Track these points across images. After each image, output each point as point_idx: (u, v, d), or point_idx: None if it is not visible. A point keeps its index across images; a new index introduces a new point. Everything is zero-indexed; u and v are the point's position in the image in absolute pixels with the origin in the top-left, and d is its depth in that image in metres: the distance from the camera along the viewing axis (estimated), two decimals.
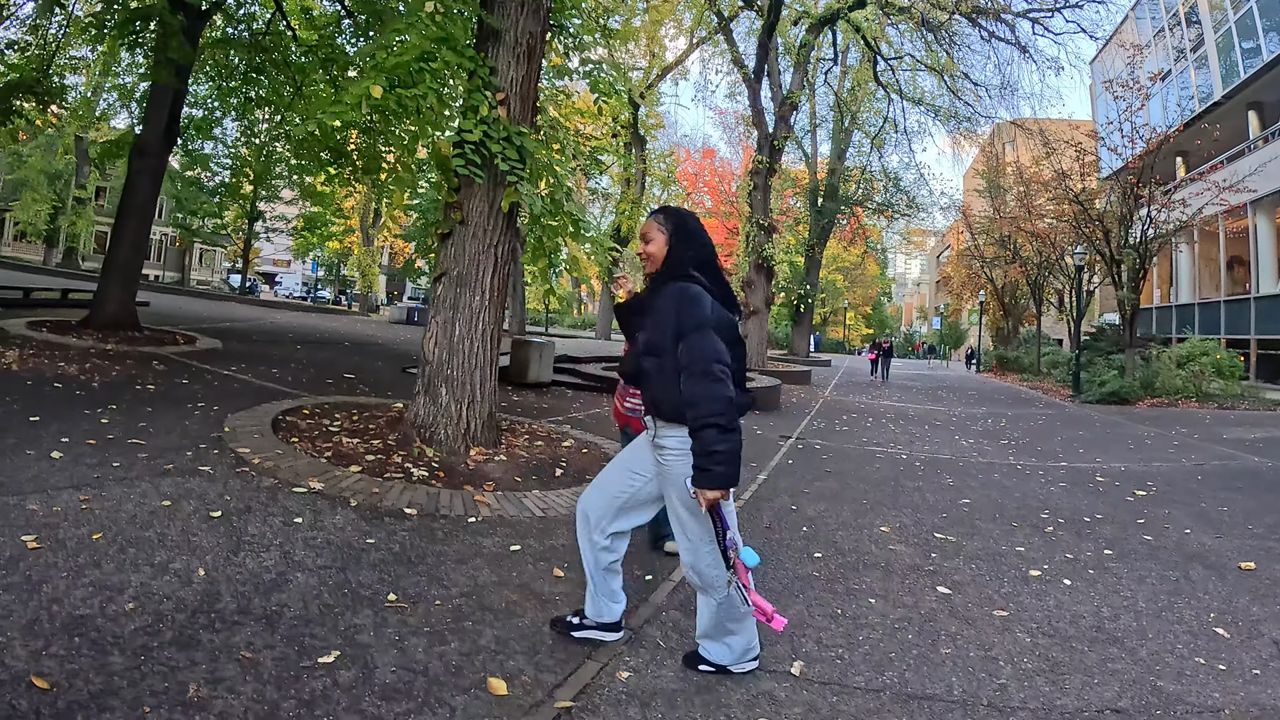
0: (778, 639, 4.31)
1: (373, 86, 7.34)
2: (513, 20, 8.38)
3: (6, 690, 2.99)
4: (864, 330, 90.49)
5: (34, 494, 5.25)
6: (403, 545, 5.21)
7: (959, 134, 32.87)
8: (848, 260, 69.99)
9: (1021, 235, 35.51)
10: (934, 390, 28.91)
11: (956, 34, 26.78)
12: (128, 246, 15.75)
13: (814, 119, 39.96)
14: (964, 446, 13.23)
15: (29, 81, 15.40)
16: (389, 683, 3.43)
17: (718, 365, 3.39)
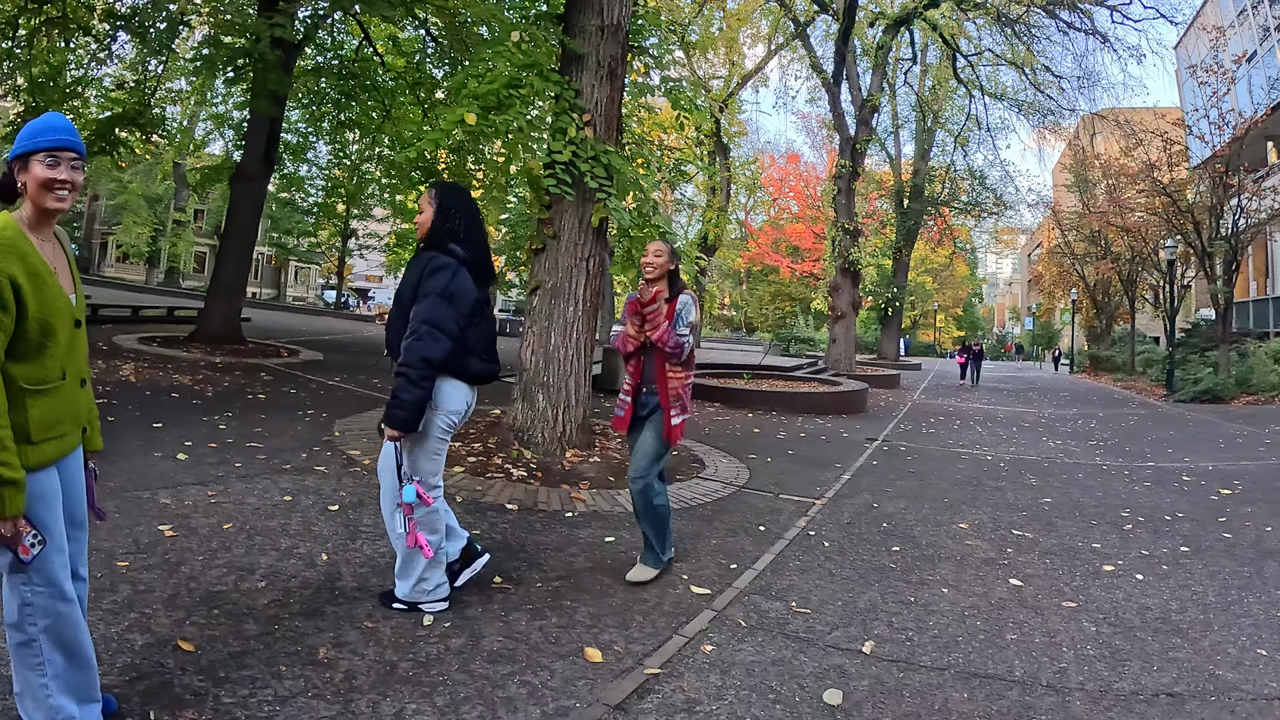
0: (850, 621, 4.59)
1: (466, 114, 7.81)
2: (594, 44, 8.78)
3: (154, 651, 3.48)
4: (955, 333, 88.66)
5: (164, 489, 5.86)
6: (504, 535, 5.67)
7: (1043, 128, 32.24)
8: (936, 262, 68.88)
9: (1111, 230, 34.52)
10: (1024, 392, 28.46)
11: (1034, 25, 26.19)
12: (232, 265, 16.60)
13: (896, 119, 39.47)
14: (1051, 447, 13.20)
15: (131, 114, 16.28)
16: (495, 649, 3.85)
17: (430, 328, 3.88)
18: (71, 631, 2.63)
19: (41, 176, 2.50)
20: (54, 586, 2.57)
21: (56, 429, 2.59)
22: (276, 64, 13.85)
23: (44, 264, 2.52)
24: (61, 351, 2.58)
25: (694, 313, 4.99)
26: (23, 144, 2.53)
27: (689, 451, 9.69)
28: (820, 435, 12.63)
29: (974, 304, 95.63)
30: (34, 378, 2.49)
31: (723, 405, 15.59)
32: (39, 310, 2.45)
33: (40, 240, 2.56)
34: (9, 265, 2.37)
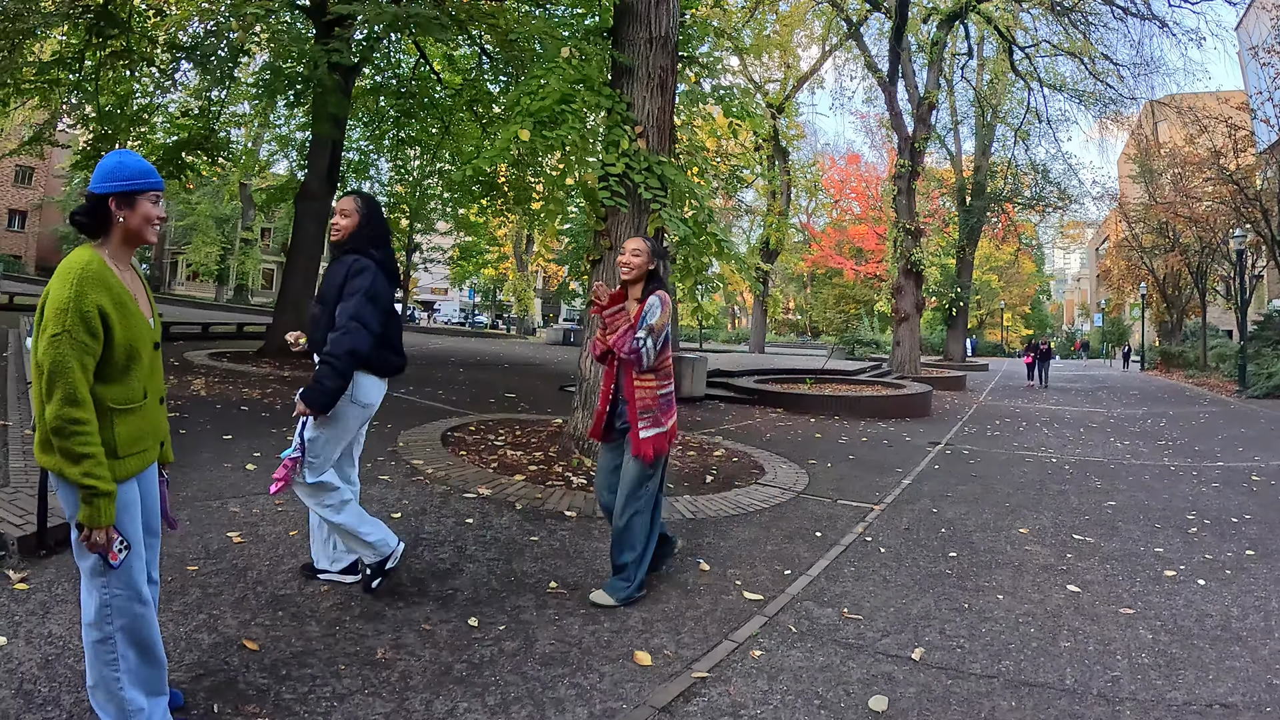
0: (902, 628, 4.61)
1: (520, 130, 7.97)
2: (643, 56, 8.89)
3: (220, 650, 3.70)
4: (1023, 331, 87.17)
5: (234, 499, 6.11)
6: (562, 542, 5.78)
7: (1105, 118, 31.63)
8: (1001, 259, 67.90)
9: (1179, 221, 33.72)
10: (1093, 392, 27.95)
11: (1090, 13, 25.75)
12: (299, 281, 17.01)
13: (955, 116, 38.85)
14: (1118, 449, 13.00)
15: (197, 139, 16.73)
16: (548, 652, 3.97)
17: (358, 324, 4.12)
18: (145, 630, 2.83)
19: (150, 214, 2.80)
20: (132, 589, 2.78)
21: (139, 444, 2.83)
22: (335, 87, 14.15)
23: (127, 293, 2.75)
24: (144, 373, 2.83)
25: (659, 315, 4.67)
26: (131, 183, 2.78)
27: (748, 458, 9.75)
28: (882, 440, 12.58)
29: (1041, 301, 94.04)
30: (120, 398, 2.73)
31: (785, 411, 15.58)
32: (124, 336, 2.69)
33: (121, 271, 2.80)
34: (98, 296, 2.61)
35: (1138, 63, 27.01)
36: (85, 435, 2.55)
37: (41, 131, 17.31)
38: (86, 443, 2.55)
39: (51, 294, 2.59)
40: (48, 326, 2.56)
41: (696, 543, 6.04)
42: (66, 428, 2.53)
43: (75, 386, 2.54)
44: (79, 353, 2.55)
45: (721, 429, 12.37)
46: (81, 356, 2.56)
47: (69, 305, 2.55)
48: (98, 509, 2.57)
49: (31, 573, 4.37)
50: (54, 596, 4.10)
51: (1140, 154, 39.10)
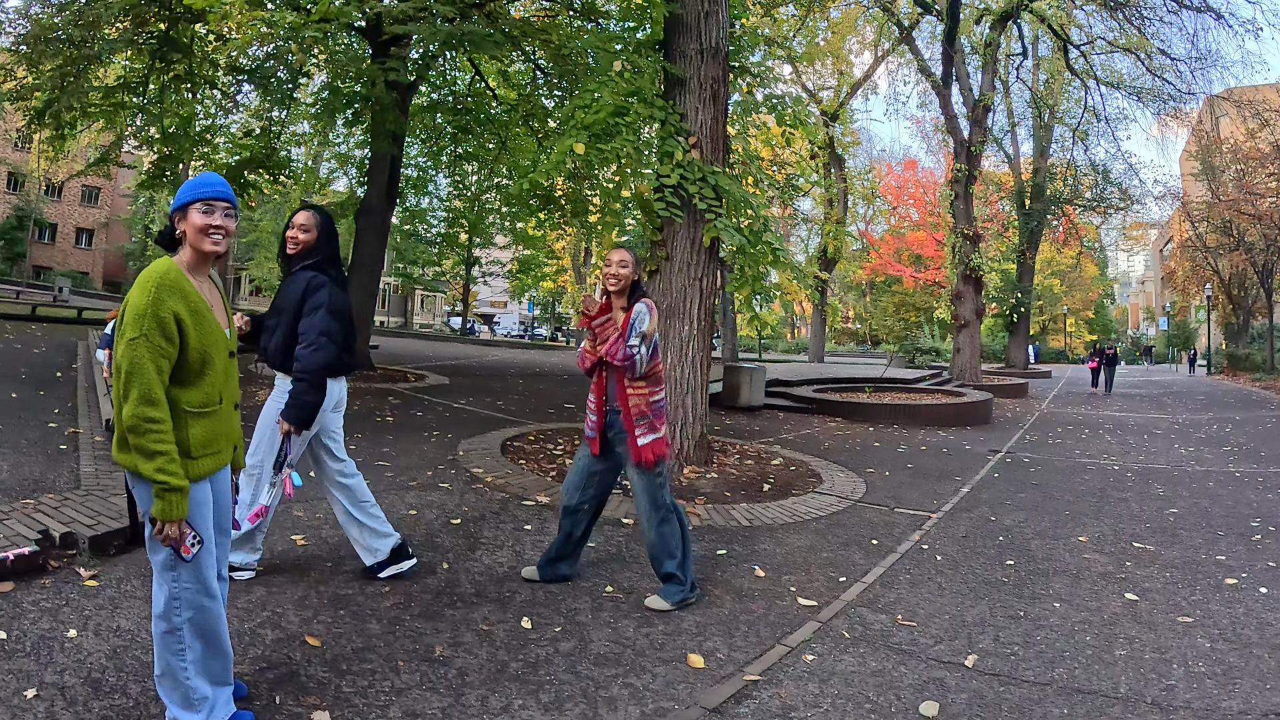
0: (955, 635, 4.61)
1: (575, 144, 8.09)
2: (694, 67, 8.99)
3: (283, 645, 3.86)
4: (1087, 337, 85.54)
5: (298, 503, 6.30)
6: (619, 548, 5.89)
7: (1164, 115, 30.73)
8: (1063, 263, 66.51)
9: (1243, 219, 32.94)
10: (1158, 397, 27.32)
11: (1144, 7, 25.30)
12: (361, 294, 17.28)
13: (1012, 117, 38.16)
14: (1181, 455, 12.79)
15: (259, 158, 17.12)
16: (602, 653, 4.06)
17: (326, 339, 4.36)
18: (212, 623, 2.97)
19: (198, 223, 2.91)
20: (201, 583, 2.92)
21: (213, 446, 2.98)
22: (392, 105, 14.41)
23: (203, 302, 2.92)
24: (219, 379, 2.99)
25: (648, 321, 4.75)
26: (182, 196, 2.94)
27: (806, 466, 9.76)
28: (941, 448, 12.50)
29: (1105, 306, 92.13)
30: (195, 401, 2.89)
31: (844, 420, 15.53)
32: (198, 342, 2.85)
33: (199, 281, 2.97)
34: (174, 303, 2.78)
35: (1195, 57, 26.36)
36: (159, 434, 2.70)
37: (108, 153, 17.80)
38: (160, 440, 2.70)
39: (131, 301, 2.75)
40: (126, 330, 2.72)
41: (752, 549, 6.09)
42: (141, 425, 2.68)
43: (150, 387, 2.69)
44: (155, 355, 2.71)
45: (780, 438, 12.38)
46: (157, 359, 2.72)
47: (146, 310, 2.71)
48: (170, 504, 2.71)
49: (101, 570, 4.58)
50: (122, 593, 4.29)
51: (1201, 151, 38.26)
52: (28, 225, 50.01)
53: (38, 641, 3.65)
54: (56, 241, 54.76)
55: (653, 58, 9.11)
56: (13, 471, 6.36)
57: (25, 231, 50.09)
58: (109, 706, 3.17)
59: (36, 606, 4.02)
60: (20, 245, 49.89)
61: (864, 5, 30.59)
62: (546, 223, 20.14)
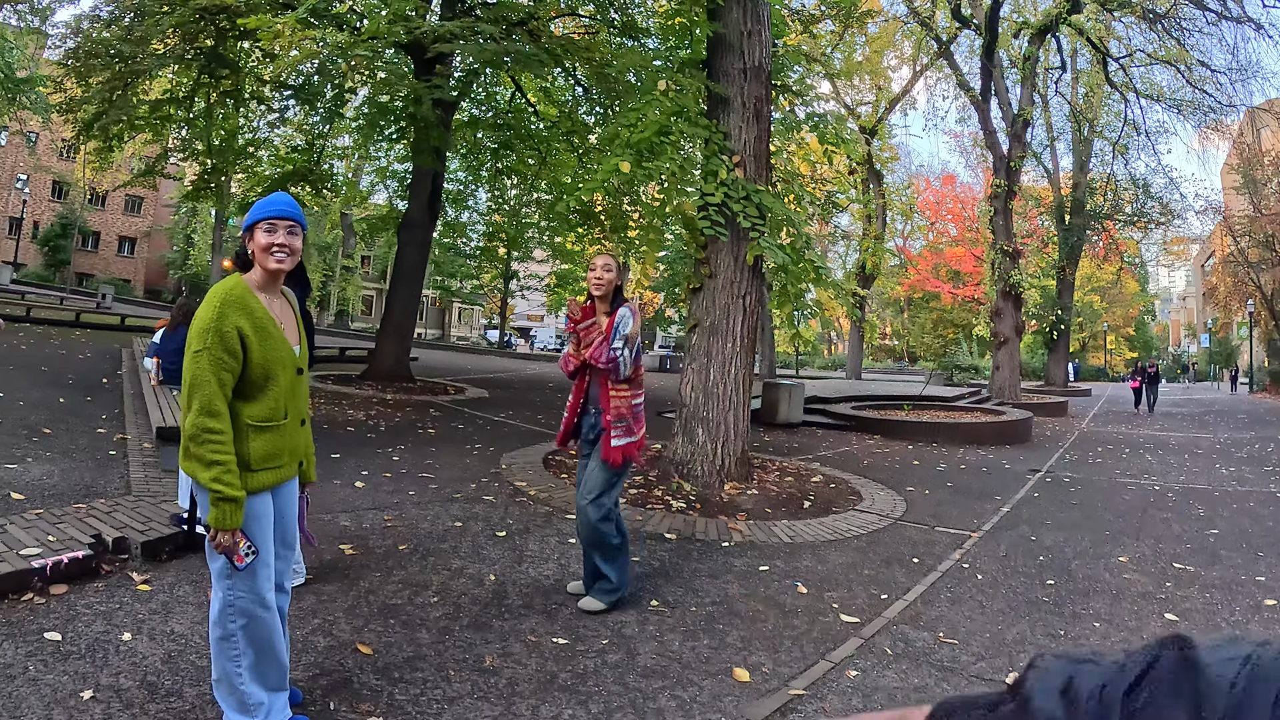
0: (997, 653, 4.63)
1: (621, 163, 8.19)
2: (738, 86, 9.08)
3: (335, 652, 3.97)
4: (1127, 354, 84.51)
5: (344, 513, 6.48)
6: (663, 562, 5.94)
7: (1205, 127, 30.43)
8: (1103, 279, 66.00)
9: None
10: (1200, 416, 27.01)
11: (1183, 19, 25.02)
12: (401, 308, 17.60)
13: (1051, 131, 37.65)
14: (1223, 475, 12.66)
15: (303, 171, 17.43)
16: (649, 665, 4.13)
17: None
18: (266, 632, 3.05)
19: (262, 242, 3.03)
20: (256, 594, 3.00)
21: (274, 460, 3.07)
22: (438, 122, 14.61)
23: (270, 318, 3.02)
24: (284, 394, 3.08)
25: (631, 325, 4.82)
26: (250, 217, 3.08)
27: (846, 484, 9.77)
28: (981, 467, 12.45)
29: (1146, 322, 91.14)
30: (257, 415, 2.99)
31: (882, 438, 15.50)
32: (262, 358, 2.95)
33: (268, 298, 3.08)
34: (238, 318, 2.89)
35: (1235, 68, 26.05)
36: (217, 444, 2.80)
37: (153, 165, 18.17)
38: (218, 451, 2.80)
39: (198, 315, 2.88)
40: (192, 343, 2.84)
41: (794, 565, 6.13)
42: (200, 435, 2.79)
43: (211, 399, 2.80)
44: (217, 368, 2.82)
45: (819, 455, 12.38)
46: (219, 372, 2.83)
47: (211, 325, 2.83)
48: (224, 513, 2.81)
49: (153, 575, 4.72)
50: (175, 598, 4.43)
51: (1243, 164, 37.74)
52: (72, 233, 50.90)
53: (93, 644, 3.77)
54: (99, 249, 55.75)
55: (696, 77, 9.20)
56: (64, 476, 6.54)
57: (69, 239, 50.98)
58: (165, 710, 3.26)
59: (90, 609, 4.15)
60: (64, 252, 50.77)
61: (902, 20, 30.60)
62: (585, 237, 20.30)
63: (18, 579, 4.28)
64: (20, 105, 28.22)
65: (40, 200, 49.83)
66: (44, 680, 3.39)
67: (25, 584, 4.29)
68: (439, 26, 11.69)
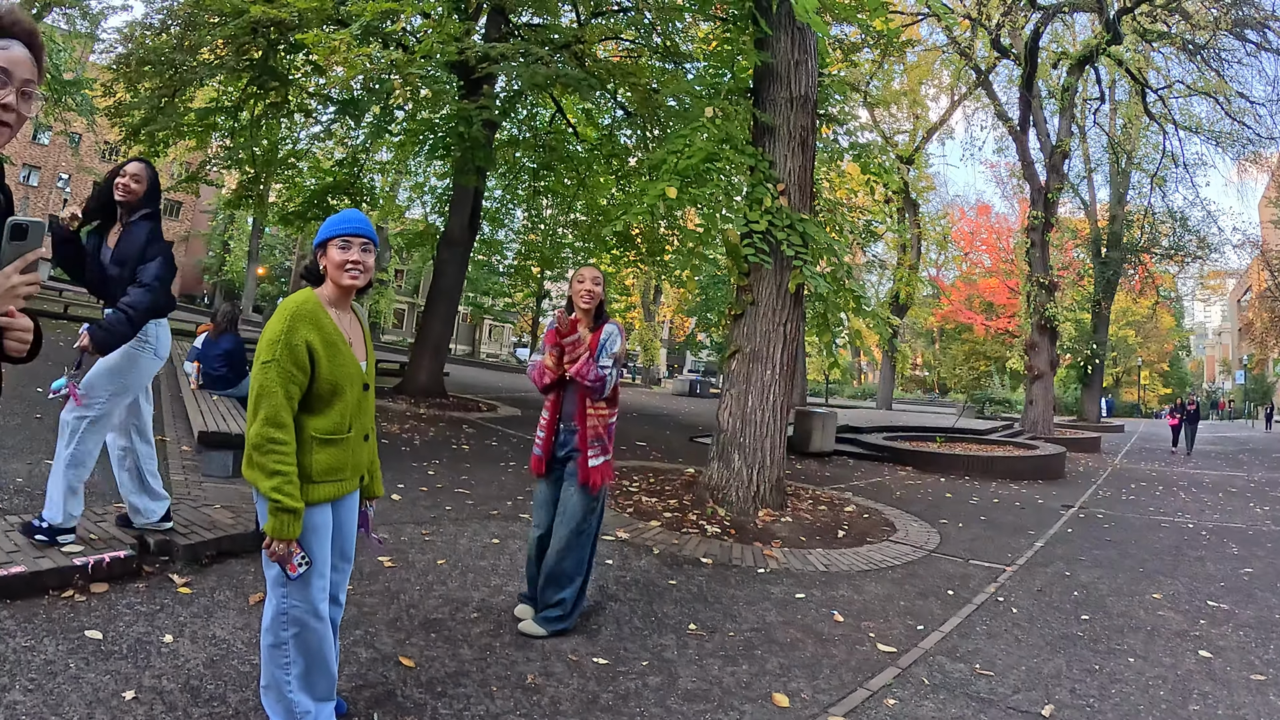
0: (1033, 686, 4.63)
1: (668, 189, 8.29)
2: (784, 116, 9.16)
3: (378, 665, 4.01)
4: (1161, 390, 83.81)
5: (382, 526, 6.51)
6: (700, 587, 5.96)
7: (1243, 160, 30.15)
8: (1138, 313, 65.32)
9: None
10: (1234, 455, 26.70)
11: (1223, 49, 24.83)
12: (438, 323, 17.77)
13: (1089, 163, 37.45)
14: (1257, 514, 12.57)
15: (344, 184, 17.67)
16: (690, 689, 4.15)
17: (161, 284, 4.62)
18: (317, 643, 3.10)
19: (337, 259, 3.09)
20: (309, 604, 3.05)
21: (336, 474, 3.12)
22: (483, 141, 14.79)
23: (339, 334, 3.08)
24: (350, 409, 3.13)
25: (619, 344, 4.75)
26: (324, 233, 3.14)
27: (879, 515, 9.78)
28: (1014, 501, 12.39)
29: (1181, 358, 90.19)
30: (322, 429, 3.05)
31: (915, 469, 15.47)
32: (330, 373, 3.01)
33: (338, 314, 3.14)
34: (307, 332, 2.95)
35: (1275, 99, 26.01)
36: (281, 454, 2.86)
37: (196, 172, 18.46)
38: (281, 461, 2.86)
39: (268, 327, 2.95)
40: (261, 354, 2.91)
41: (831, 595, 6.14)
42: (265, 445, 2.84)
43: (277, 410, 2.86)
44: (284, 380, 2.88)
45: (851, 485, 12.37)
46: (287, 385, 2.88)
47: (280, 338, 2.89)
48: (282, 522, 2.86)
49: (194, 578, 4.79)
50: (216, 602, 4.49)
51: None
52: None
53: (134, 644, 3.82)
54: None
55: (743, 105, 9.30)
56: (105, 477, 6.60)
57: None
58: (209, 714, 3.30)
59: (132, 610, 4.21)
60: None
61: (941, 50, 30.64)
62: (620, 260, 20.41)
63: (60, 575, 4.34)
64: (66, 107, 28.60)
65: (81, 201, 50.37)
66: (85, 678, 3.44)
67: (67, 581, 4.34)
68: (490, 47, 11.84)
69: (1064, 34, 29.74)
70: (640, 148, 17.70)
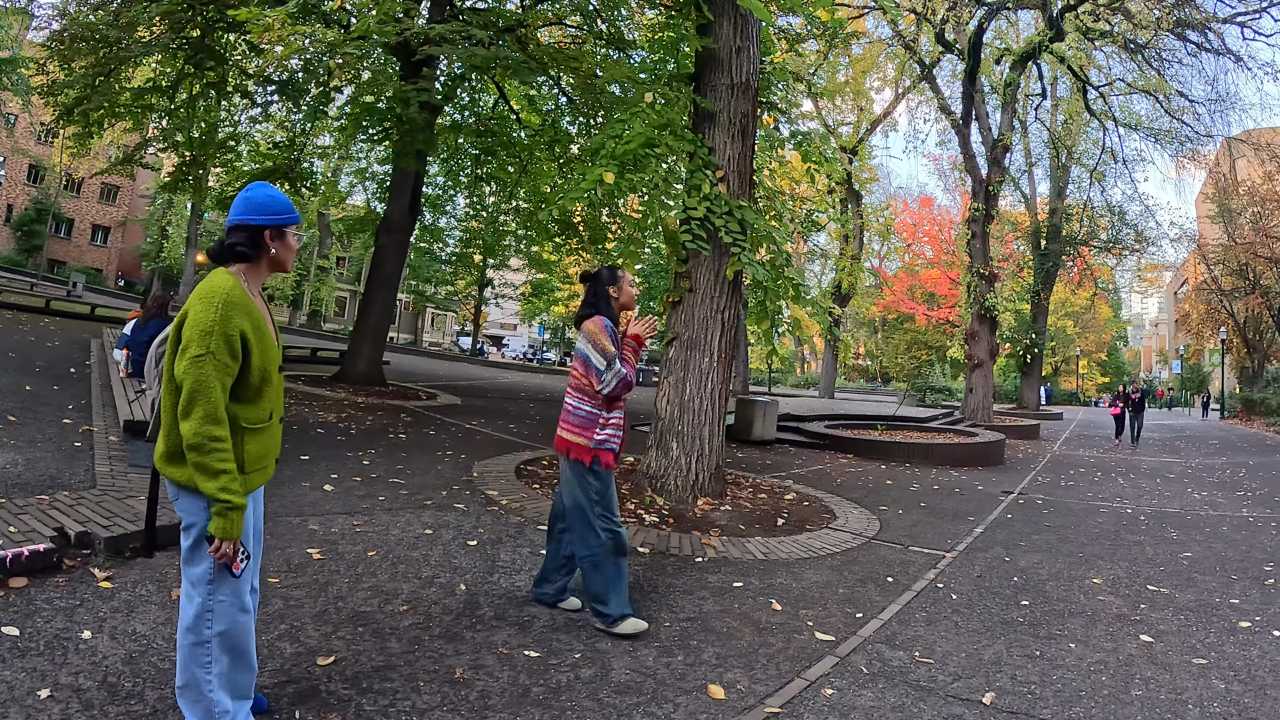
0: (973, 673, 4.61)
1: (605, 173, 8.17)
2: (725, 102, 9.08)
3: (303, 659, 3.89)
4: (1099, 379, 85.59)
5: (314, 517, 6.38)
6: (636, 577, 5.85)
7: (1181, 157, 30.85)
8: (1077, 304, 66.60)
9: (1259, 261, 32.84)
10: (1171, 442, 27.19)
11: (1164, 49, 25.38)
12: (377, 311, 17.47)
13: (1029, 157, 38.16)
14: (1195, 499, 12.76)
15: (283, 168, 17.32)
16: (623, 681, 4.06)
17: None
18: (242, 637, 2.99)
19: (294, 246, 3.06)
20: (237, 597, 2.94)
21: (262, 461, 3.04)
22: (423, 124, 14.54)
23: (264, 318, 2.98)
24: (274, 395, 3.04)
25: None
26: (283, 217, 3.03)
27: (819, 502, 9.76)
28: (954, 488, 12.45)
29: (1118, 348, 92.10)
30: (253, 418, 2.94)
31: (856, 457, 15.52)
32: (260, 359, 2.90)
33: (255, 298, 3.01)
34: (241, 320, 2.82)
35: (1213, 99, 26.58)
36: (224, 452, 2.73)
37: (132, 154, 18.03)
38: (225, 459, 2.73)
39: (195, 316, 2.76)
40: (190, 347, 2.73)
41: (769, 583, 6.08)
42: (207, 444, 2.70)
43: (216, 406, 2.72)
44: (220, 373, 2.74)
45: (792, 473, 12.33)
46: (223, 377, 2.75)
47: (214, 328, 2.73)
48: (231, 522, 2.74)
49: (117, 572, 4.63)
50: (138, 596, 4.33)
51: (1218, 193, 38.26)
52: (46, 219, 50.37)
53: (52, 641, 3.69)
54: (73, 237, 55.38)
55: (684, 91, 9.20)
56: (29, 466, 6.41)
57: (43, 224, 50.44)
58: (125, 713, 3.18)
59: (50, 605, 4.06)
60: (38, 238, 50.25)
61: (886, 43, 30.85)
62: (563, 248, 20.27)
63: None
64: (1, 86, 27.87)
65: (16, 184, 49.40)
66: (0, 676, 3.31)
67: None
68: (429, 29, 11.63)
69: (1008, 31, 30.17)
70: (583, 135, 17.55)
